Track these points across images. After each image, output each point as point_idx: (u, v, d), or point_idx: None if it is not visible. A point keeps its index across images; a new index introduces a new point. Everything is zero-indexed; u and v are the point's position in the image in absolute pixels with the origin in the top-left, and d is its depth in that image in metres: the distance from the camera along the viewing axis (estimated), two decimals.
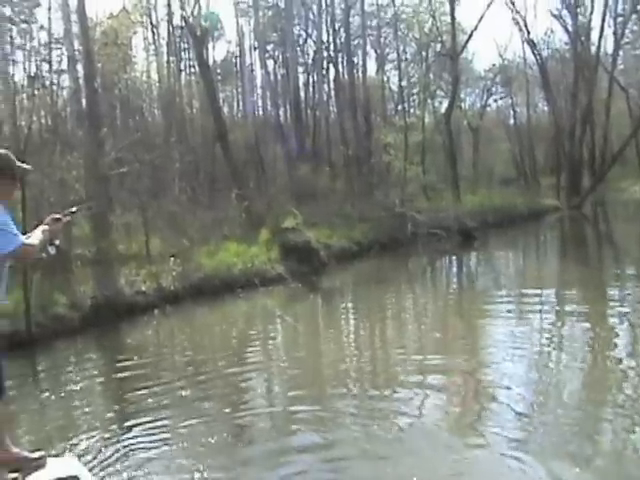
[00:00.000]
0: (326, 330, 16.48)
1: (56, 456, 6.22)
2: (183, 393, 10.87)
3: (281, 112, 42.53)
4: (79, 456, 7.55)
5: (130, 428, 9.22)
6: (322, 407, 9.83)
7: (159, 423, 9.37)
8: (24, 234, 5.34)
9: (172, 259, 20.49)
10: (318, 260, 23.45)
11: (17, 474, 5.10)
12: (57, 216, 5.64)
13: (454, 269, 27.02)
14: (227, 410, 10.02)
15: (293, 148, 35.32)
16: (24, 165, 5.54)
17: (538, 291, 17.85)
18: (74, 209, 5.84)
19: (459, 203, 35.35)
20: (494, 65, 54.53)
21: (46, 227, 5.49)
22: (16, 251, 5.11)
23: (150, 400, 10.39)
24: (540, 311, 15.64)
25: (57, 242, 5.57)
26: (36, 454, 5.51)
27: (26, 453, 5.47)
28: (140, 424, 9.32)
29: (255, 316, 18.78)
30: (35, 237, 5.36)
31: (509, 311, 15.89)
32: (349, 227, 28.52)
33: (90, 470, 6.78)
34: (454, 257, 28.34)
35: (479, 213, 34.58)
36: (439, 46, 43.73)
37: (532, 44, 46.98)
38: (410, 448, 8.01)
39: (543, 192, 46.89)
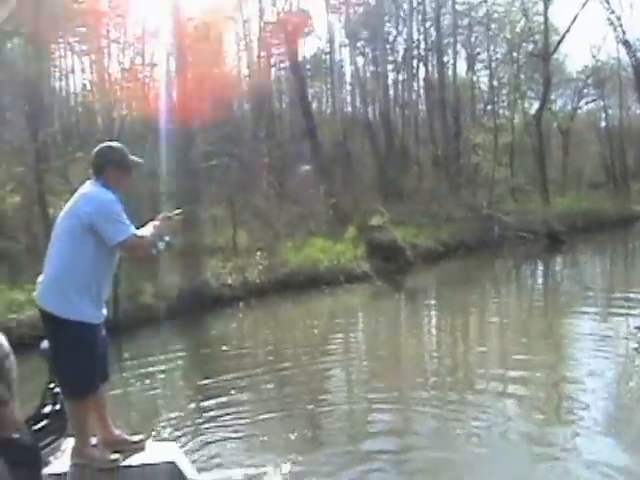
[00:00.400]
0: (409, 328, 16.46)
1: (156, 441, 6.42)
2: (264, 383, 11.08)
3: (370, 109, 42.34)
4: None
5: (210, 415, 9.35)
6: (400, 400, 9.96)
7: (240, 408, 9.59)
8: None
9: (258, 253, 20.59)
10: (404, 259, 23.32)
11: (118, 455, 5.21)
12: (169, 214, 5.72)
13: (540, 272, 26.69)
14: (306, 400, 10.19)
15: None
16: (136, 159, 5.63)
17: (626, 295, 17.54)
18: (180, 210, 5.88)
19: (547, 206, 34.84)
20: (586, 66, 53.41)
21: (157, 223, 5.57)
22: (126, 242, 5.19)
23: (232, 390, 10.48)
24: (627, 315, 15.31)
25: (167, 238, 5.59)
26: (136, 437, 5.66)
27: (127, 436, 5.60)
28: (221, 411, 9.46)
29: (339, 313, 18.77)
30: (146, 231, 5.45)
31: (595, 314, 15.68)
32: (435, 227, 28.34)
33: None
34: (540, 261, 28.01)
35: (567, 217, 34.04)
36: (531, 46, 43.09)
37: (627, 45, 45.93)
38: (486, 443, 8.00)
39: (633, 197, 45.92)
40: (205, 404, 9.89)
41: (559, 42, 42.14)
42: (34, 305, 5.53)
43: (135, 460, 5.24)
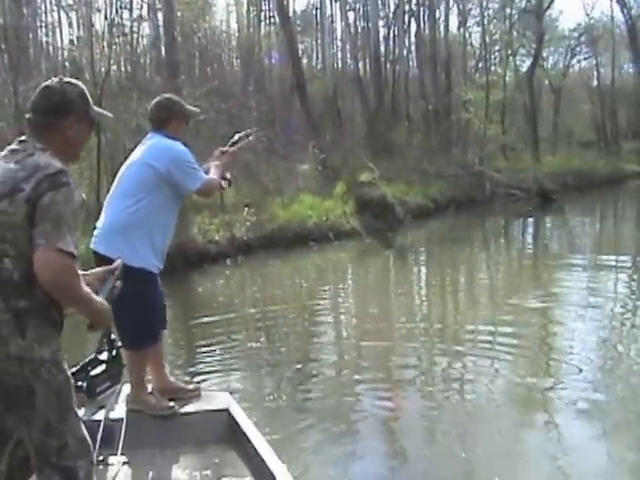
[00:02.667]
0: (398, 285, 16.36)
1: (211, 390, 6.60)
2: (251, 339, 11.00)
3: (360, 65, 41.98)
4: None
5: (197, 368, 9.23)
6: (388, 348, 10.04)
7: (228, 362, 9.55)
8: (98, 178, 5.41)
9: (246, 209, 20.36)
10: (393, 216, 23.14)
11: (173, 403, 5.44)
12: (224, 149, 5.79)
13: (531, 231, 26.64)
14: (294, 348, 10.45)
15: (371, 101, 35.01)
16: (194, 108, 5.87)
17: (614, 257, 17.46)
18: (236, 137, 5.91)
19: (538, 164, 34.90)
20: (579, 24, 53.02)
21: (217, 162, 5.65)
22: (201, 188, 5.44)
23: (220, 345, 10.35)
24: (615, 277, 15.23)
25: (228, 175, 5.71)
26: (191, 386, 6.02)
27: (182, 384, 5.94)
28: (207, 363, 9.40)
29: (327, 269, 18.72)
30: (212, 173, 5.56)
31: (584, 275, 15.51)
32: (426, 184, 28.24)
33: None
34: (531, 219, 27.99)
35: (558, 175, 34.26)
36: (524, 2, 42.76)
37: (622, 2, 45.55)
38: (469, 401, 7.93)
39: (624, 156, 45.89)
40: (191, 360, 9.78)
41: None
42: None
43: (190, 408, 5.51)
